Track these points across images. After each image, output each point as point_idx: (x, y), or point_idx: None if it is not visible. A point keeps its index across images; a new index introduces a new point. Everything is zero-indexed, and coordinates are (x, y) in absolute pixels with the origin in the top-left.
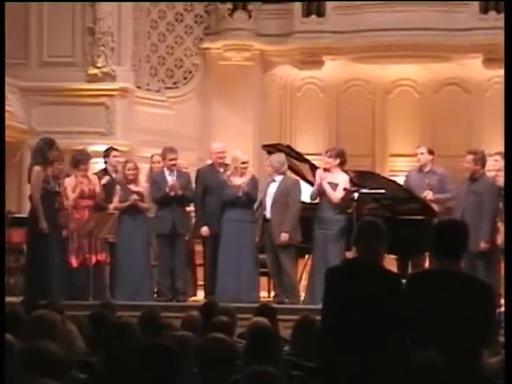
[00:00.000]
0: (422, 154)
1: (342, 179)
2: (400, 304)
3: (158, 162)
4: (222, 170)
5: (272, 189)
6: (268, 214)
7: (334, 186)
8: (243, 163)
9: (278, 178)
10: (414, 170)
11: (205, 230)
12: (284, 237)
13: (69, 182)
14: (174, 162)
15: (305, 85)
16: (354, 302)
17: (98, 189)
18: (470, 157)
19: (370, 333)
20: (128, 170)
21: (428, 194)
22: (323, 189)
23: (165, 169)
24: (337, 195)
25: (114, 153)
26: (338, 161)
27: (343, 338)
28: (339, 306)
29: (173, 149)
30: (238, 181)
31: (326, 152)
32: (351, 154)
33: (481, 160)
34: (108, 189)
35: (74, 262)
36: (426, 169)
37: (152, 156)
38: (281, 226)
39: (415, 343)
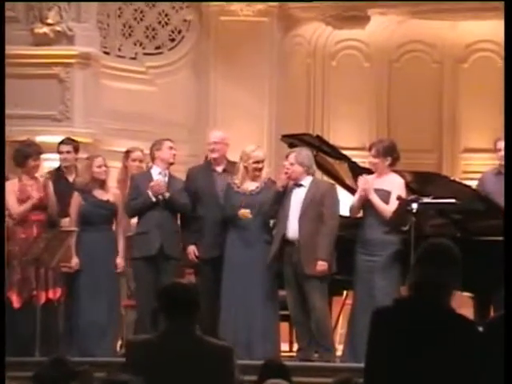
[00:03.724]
0: None
1: (396, 184)
2: (475, 361)
3: (140, 161)
4: (218, 168)
5: (298, 197)
6: (292, 232)
7: (385, 194)
8: (256, 163)
9: (307, 181)
10: (489, 172)
11: (192, 249)
12: (321, 265)
13: (11, 186)
14: (174, 152)
15: (342, 50)
16: (409, 358)
17: (51, 196)
18: None
19: None
20: (97, 166)
21: None
22: (369, 201)
23: (154, 167)
24: (389, 208)
25: (63, 147)
26: (388, 160)
27: None
28: (390, 363)
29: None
30: (248, 186)
31: (370, 147)
32: (408, 148)
33: None
34: (62, 194)
35: (16, 301)
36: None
37: (128, 151)
38: (313, 251)
39: None
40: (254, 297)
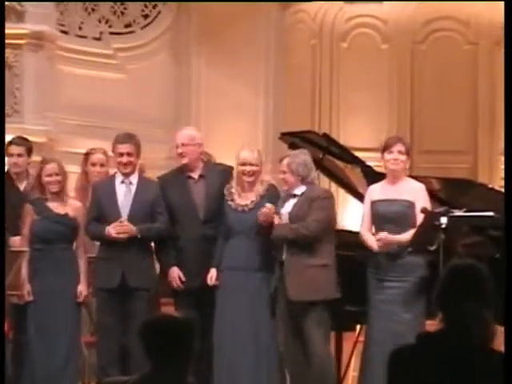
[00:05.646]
0: None
1: (419, 193)
2: None
3: (101, 165)
4: (194, 175)
5: (289, 209)
6: (284, 253)
7: (408, 204)
8: (243, 165)
9: (300, 190)
10: None
11: (176, 273)
12: (268, 208)
13: None
14: (125, 160)
15: (355, 29)
16: None
17: None
18: None
19: None
20: (47, 175)
21: None
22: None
23: (116, 174)
24: (407, 236)
25: (13, 149)
26: (409, 160)
27: None
28: None
29: (131, 135)
30: (242, 200)
31: (393, 143)
32: (437, 149)
33: None
34: (12, 207)
35: None
36: None
37: (87, 153)
38: (301, 273)
39: None
40: (244, 333)
